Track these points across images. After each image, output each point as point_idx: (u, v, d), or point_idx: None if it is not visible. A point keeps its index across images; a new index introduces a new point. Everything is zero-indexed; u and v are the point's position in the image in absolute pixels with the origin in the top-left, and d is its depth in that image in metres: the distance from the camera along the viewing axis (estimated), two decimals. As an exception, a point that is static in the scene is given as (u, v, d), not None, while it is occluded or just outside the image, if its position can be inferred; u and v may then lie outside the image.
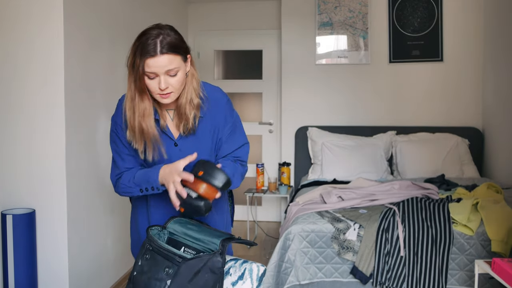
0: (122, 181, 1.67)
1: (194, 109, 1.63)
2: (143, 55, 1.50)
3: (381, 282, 2.56)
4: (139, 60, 1.50)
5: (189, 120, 1.62)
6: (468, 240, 2.59)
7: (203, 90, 1.67)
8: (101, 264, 3.14)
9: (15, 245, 2.52)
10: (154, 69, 1.50)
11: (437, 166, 4.06)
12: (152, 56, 1.49)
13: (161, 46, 1.50)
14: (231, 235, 1.54)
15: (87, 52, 2.94)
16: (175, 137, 1.67)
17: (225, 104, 1.73)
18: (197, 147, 1.68)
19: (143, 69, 1.51)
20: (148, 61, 1.49)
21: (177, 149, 1.67)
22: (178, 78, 1.55)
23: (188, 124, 1.63)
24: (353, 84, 4.68)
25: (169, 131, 1.67)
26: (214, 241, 1.54)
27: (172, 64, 1.52)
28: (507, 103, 3.88)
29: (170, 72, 1.53)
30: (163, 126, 1.65)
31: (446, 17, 4.51)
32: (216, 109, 1.69)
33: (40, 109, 2.68)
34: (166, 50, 1.50)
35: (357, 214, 2.78)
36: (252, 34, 5.22)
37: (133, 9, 3.63)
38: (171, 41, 1.52)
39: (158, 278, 1.42)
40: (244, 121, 5.33)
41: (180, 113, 1.62)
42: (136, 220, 1.80)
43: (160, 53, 1.49)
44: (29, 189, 2.70)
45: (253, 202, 4.93)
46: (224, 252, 1.46)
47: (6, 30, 2.65)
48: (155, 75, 1.52)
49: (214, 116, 1.69)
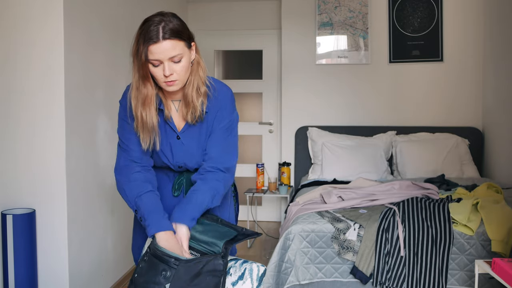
0: (127, 187, 1.63)
1: (202, 96, 1.62)
2: (145, 41, 1.49)
3: (381, 282, 2.56)
4: (142, 46, 1.50)
5: (197, 108, 1.61)
6: (468, 240, 2.59)
7: (210, 79, 1.66)
8: (101, 264, 3.14)
9: (15, 245, 2.52)
10: (157, 55, 1.50)
11: (437, 166, 4.06)
12: (154, 42, 1.49)
13: (163, 32, 1.49)
14: (237, 230, 1.53)
15: (87, 52, 2.94)
16: (179, 130, 1.67)
17: (229, 98, 1.71)
18: (198, 141, 1.68)
19: (146, 56, 1.50)
20: (151, 47, 1.49)
21: (180, 142, 1.67)
22: (183, 64, 1.54)
23: (196, 112, 1.62)
24: (353, 84, 4.68)
25: (172, 123, 1.66)
26: (217, 243, 1.53)
27: (175, 50, 1.51)
28: (507, 103, 3.88)
29: (174, 59, 1.52)
30: (167, 117, 1.64)
31: (446, 17, 4.51)
32: (219, 101, 1.68)
33: (40, 109, 2.68)
34: (168, 36, 1.50)
35: (357, 214, 2.78)
36: (252, 34, 5.22)
37: (133, 9, 3.63)
38: (173, 27, 1.52)
39: (156, 282, 1.40)
40: (244, 121, 5.34)
41: (187, 101, 1.61)
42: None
43: (162, 38, 1.49)
44: (29, 189, 2.70)
45: (253, 202, 4.93)
46: (227, 255, 1.45)
47: (7, 30, 2.65)
48: (159, 62, 1.51)
49: (216, 107, 1.67)
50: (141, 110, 1.57)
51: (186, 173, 1.75)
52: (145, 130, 1.59)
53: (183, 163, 1.71)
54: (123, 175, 1.66)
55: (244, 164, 5.28)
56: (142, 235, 1.78)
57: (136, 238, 1.84)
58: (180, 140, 1.67)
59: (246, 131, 5.31)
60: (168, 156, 1.69)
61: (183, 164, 1.71)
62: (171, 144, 1.67)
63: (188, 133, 1.67)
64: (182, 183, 1.75)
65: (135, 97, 1.58)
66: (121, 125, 1.69)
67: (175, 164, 1.71)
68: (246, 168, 5.26)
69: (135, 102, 1.58)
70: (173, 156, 1.69)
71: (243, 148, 5.46)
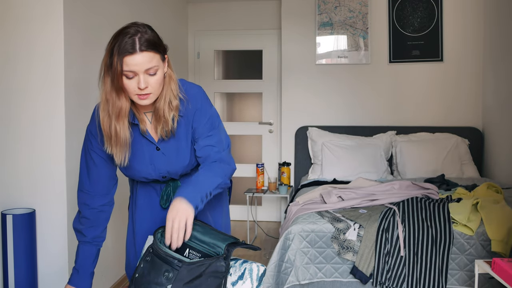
0: (80, 223, 1.68)
1: (173, 110, 1.57)
2: (120, 53, 1.43)
3: (381, 282, 2.56)
4: (117, 58, 1.43)
5: (168, 121, 1.57)
6: (468, 240, 2.59)
7: (182, 90, 1.60)
8: (101, 264, 3.14)
9: (15, 245, 2.52)
10: (133, 67, 1.44)
11: (437, 166, 4.06)
12: (131, 54, 1.43)
13: (139, 43, 1.44)
14: (236, 240, 1.52)
15: (87, 52, 2.94)
16: (156, 140, 1.63)
17: (201, 98, 1.65)
18: (178, 148, 1.64)
19: (121, 68, 1.44)
20: (126, 58, 1.43)
21: (160, 153, 1.64)
22: (157, 78, 1.49)
23: (167, 127, 1.57)
24: (353, 84, 4.68)
25: (149, 135, 1.62)
26: (219, 244, 1.52)
27: (151, 62, 1.46)
28: (507, 103, 3.88)
29: (150, 71, 1.46)
30: (143, 131, 1.61)
31: (446, 17, 4.51)
32: (192, 105, 1.62)
33: (41, 109, 2.68)
34: (145, 48, 1.44)
35: (357, 214, 2.78)
36: (252, 34, 5.22)
37: (133, 10, 3.63)
38: (149, 38, 1.46)
39: (158, 283, 1.40)
40: (244, 121, 5.34)
41: (159, 115, 1.56)
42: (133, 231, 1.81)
43: (139, 50, 1.43)
44: (29, 189, 2.70)
45: (253, 202, 4.93)
46: (229, 257, 1.44)
47: (7, 30, 2.65)
48: (133, 74, 1.46)
49: (191, 113, 1.62)
50: (115, 123, 1.51)
51: (172, 182, 1.72)
52: (118, 145, 1.54)
53: (166, 172, 1.67)
54: (80, 201, 1.69)
55: (244, 164, 5.28)
56: (134, 255, 1.81)
57: (128, 256, 1.85)
58: (160, 151, 1.63)
59: (246, 131, 5.31)
60: (149, 169, 1.65)
61: (167, 173, 1.68)
62: (151, 156, 1.64)
63: (166, 142, 1.63)
64: (170, 193, 1.73)
65: (104, 110, 1.52)
66: (84, 150, 1.67)
67: (158, 174, 1.68)
68: (246, 168, 5.26)
69: (104, 115, 1.52)
70: (155, 167, 1.65)
71: (243, 148, 5.46)
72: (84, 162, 1.67)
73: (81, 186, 1.68)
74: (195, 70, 5.32)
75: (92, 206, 1.67)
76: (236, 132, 5.33)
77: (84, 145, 1.68)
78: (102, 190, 1.68)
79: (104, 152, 1.62)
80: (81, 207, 1.68)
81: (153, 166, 1.65)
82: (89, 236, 1.68)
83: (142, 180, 1.71)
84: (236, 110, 5.54)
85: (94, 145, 1.63)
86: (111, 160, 1.64)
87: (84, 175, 1.67)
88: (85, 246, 1.68)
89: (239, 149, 5.43)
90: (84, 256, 1.67)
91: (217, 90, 5.34)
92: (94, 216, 1.68)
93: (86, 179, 1.66)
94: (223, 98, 5.49)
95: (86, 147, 1.66)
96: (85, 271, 1.68)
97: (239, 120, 5.44)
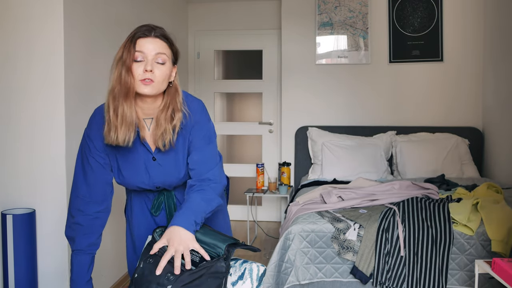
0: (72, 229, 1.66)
1: (175, 121, 1.58)
2: (135, 37, 1.52)
3: (381, 282, 2.56)
4: (131, 40, 1.52)
5: (167, 132, 1.57)
6: (468, 240, 2.59)
7: (185, 104, 1.62)
8: (101, 264, 3.14)
9: (15, 245, 2.52)
10: (144, 48, 1.51)
11: (437, 166, 4.06)
12: (146, 36, 1.52)
13: (155, 32, 1.54)
14: (236, 240, 1.52)
15: (87, 52, 2.94)
16: (153, 150, 1.63)
17: (201, 111, 1.66)
18: (175, 160, 1.64)
19: (134, 48, 1.51)
20: (139, 40, 1.52)
21: (156, 163, 1.63)
22: (164, 69, 1.53)
23: (165, 136, 1.56)
24: (353, 84, 4.68)
25: (147, 143, 1.63)
26: (219, 245, 1.52)
27: (162, 49, 1.53)
28: (507, 103, 3.88)
29: (158, 58, 1.52)
30: (143, 138, 1.61)
31: (446, 17, 4.51)
32: (192, 118, 1.63)
33: (41, 109, 2.68)
34: (159, 36, 1.54)
35: (357, 214, 2.78)
36: (252, 34, 5.22)
37: (133, 9, 3.63)
38: (165, 33, 1.57)
39: (159, 283, 1.40)
40: (244, 121, 5.34)
41: (159, 123, 1.57)
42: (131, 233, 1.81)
43: (153, 35, 1.53)
44: (29, 189, 2.70)
45: (253, 202, 4.93)
46: (229, 258, 1.45)
47: (7, 30, 2.65)
48: (142, 58, 1.51)
49: (189, 126, 1.63)
50: (123, 103, 1.51)
51: (166, 191, 1.73)
52: (123, 124, 1.53)
53: (161, 183, 1.67)
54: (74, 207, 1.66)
55: (244, 164, 5.28)
56: (134, 253, 1.83)
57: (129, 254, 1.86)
58: (156, 161, 1.63)
59: (246, 131, 5.31)
60: (144, 178, 1.65)
61: (161, 184, 1.68)
62: (146, 165, 1.63)
63: (164, 153, 1.63)
64: (162, 202, 1.73)
65: (113, 97, 1.52)
66: (81, 154, 1.65)
67: (152, 185, 1.67)
68: (246, 168, 5.26)
69: (114, 102, 1.52)
70: (150, 177, 1.65)
71: (243, 148, 5.46)
72: (80, 167, 1.64)
73: (76, 192, 1.64)
74: (195, 70, 5.32)
75: (87, 212, 1.64)
76: (236, 132, 5.33)
77: (80, 150, 1.65)
78: (98, 195, 1.65)
79: (102, 158, 1.62)
80: (74, 213, 1.64)
81: (148, 175, 1.64)
82: (83, 244, 1.64)
83: (136, 189, 1.72)
84: (236, 110, 5.54)
85: (92, 150, 1.62)
86: (108, 166, 1.65)
87: (81, 180, 1.64)
88: (78, 256, 1.64)
89: (239, 149, 5.43)
90: (79, 267, 1.65)
91: (217, 90, 5.34)
92: (88, 222, 1.64)
93: (83, 184, 1.63)
94: (223, 98, 5.48)
95: (83, 152, 1.64)
96: (81, 280, 1.66)
97: (239, 120, 5.44)
